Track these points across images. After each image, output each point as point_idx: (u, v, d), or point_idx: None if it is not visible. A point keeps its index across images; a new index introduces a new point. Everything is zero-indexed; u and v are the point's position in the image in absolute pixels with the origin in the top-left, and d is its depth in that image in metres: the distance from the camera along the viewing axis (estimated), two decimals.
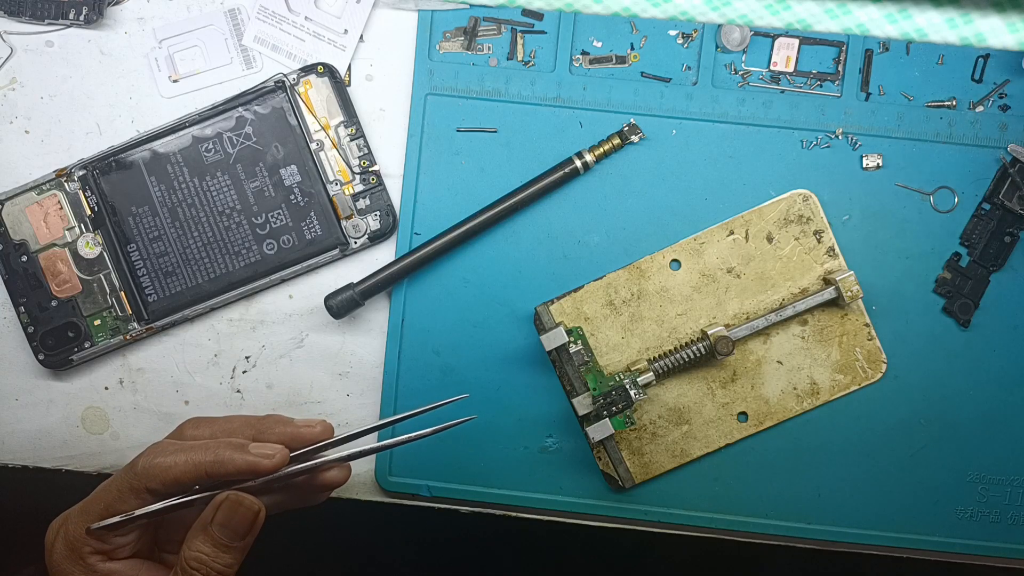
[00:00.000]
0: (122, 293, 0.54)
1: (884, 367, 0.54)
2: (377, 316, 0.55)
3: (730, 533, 0.55)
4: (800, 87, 0.53)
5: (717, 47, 0.53)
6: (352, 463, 0.55)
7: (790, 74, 0.54)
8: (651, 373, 0.52)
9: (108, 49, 0.55)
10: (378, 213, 0.54)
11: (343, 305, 0.52)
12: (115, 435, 0.56)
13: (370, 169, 0.54)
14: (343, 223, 0.54)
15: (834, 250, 0.53)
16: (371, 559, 0.84)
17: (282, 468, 0.43)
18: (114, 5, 0.54)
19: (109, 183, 0.53)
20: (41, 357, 0.54)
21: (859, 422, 0.54)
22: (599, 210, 0.54)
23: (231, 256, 0.54)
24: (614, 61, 0.54)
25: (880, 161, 0.53)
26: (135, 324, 0.54)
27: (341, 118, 0.54)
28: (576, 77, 0.54)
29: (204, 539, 0.42)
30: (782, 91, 0.53)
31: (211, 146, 0.53)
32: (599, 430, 0.51)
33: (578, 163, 0.52)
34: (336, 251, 0.54)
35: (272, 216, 0.54)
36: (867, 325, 0.53)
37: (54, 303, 0.54)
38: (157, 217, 0.54)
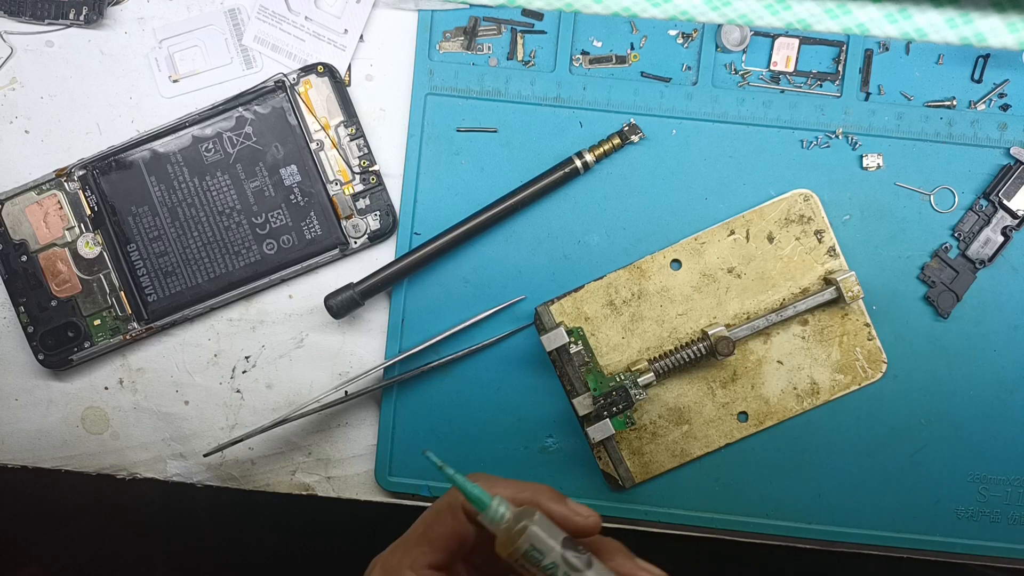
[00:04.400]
0: (122, 293, 0.54)
1: (884, 367, 0.54)
2: (377, 316, 0.55)
3: (730, 533, 0.55)
4: (800, 87, 0.53)
5: (717, 47, 0.53)
6: (352, 463, 0.56)
7: (790, 74, 0.54)
8: (651, 373, 0.52)
9: (108, 49, 0.55)
10: (378, 213, 0.54)
11: (343, 305, 0.52)
12: (115, 435, 0.56)
13: (370, 169, 0.54)
14: (343, 223, 0.54)
15: (835, 250, 0.53)
16: (371, 559, 0.84)
17: (592, 533, 0.40)
18: (114, 5, 0.54)
19: (109, 183, 0.53)
20: (41, 357, 0.54)
21: (859, 422, 0.54)
22: (599, 210, 0.54)
23: (231, 256, 0.54)
24: (614, 61, 0.54)
25: (880, 161, 0.53)
26: (135, 324, 0.54)
27: (341, 118, 0.54)
28: (576, 77, 0.54)
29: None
30: (782, 91, 0.53)
31: (211, 146, 0.53)
32: (599, 430, 0.51)
33: (578, 163, 0.52)
34: (336, 251, 0.54)
35: (272, 216, 0.54)
36: (867, 325, 0.53)
37: (54, 303, 0.54)
38: (157, 217, 0.54)
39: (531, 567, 0.37)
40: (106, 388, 0.56)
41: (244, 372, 0.55)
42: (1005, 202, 0.53)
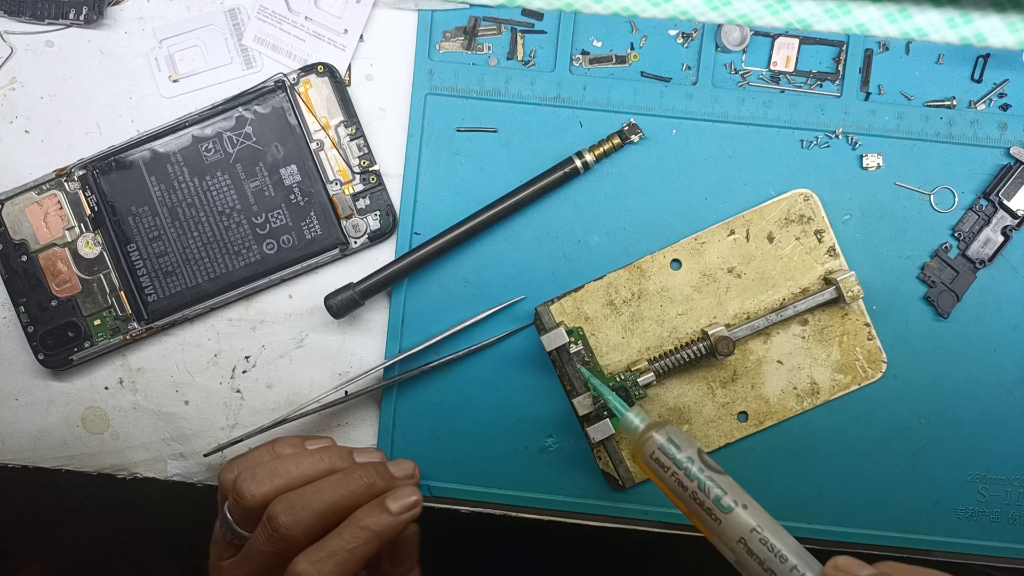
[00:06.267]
0: (122, 293, 0.54)
1: (884, 367, 0.54)
2: (377, 316, 0.55)
3: None
4: (800, 87, 0.53)
5: (717, 47, 0.53)
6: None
7: (790, 74, 0.54)
8: (651, 373, 0.52)
9: (108, 49, 0.55)
10: (378, 213, 0.54)
11: (343, 305, 0.52)
12: (115, 435, 0.56)
13: (370, 169, 0.54)
14: (343, 223, 0.54)
15: (835, 250, 0.53)
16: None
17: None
18: (114, 5, 0.54)
19: (109, 183, 0.53)
20: (41, 357, 0.54)
21: (859, 422, 0.54)
22: (599, 210, 0.54)
23: (231, 256, 0.54)
24: (614, 61, 0.54)
25: (880, 161, 0.53)
26: (135, 324, 0.54)
27: (341, 118, 0.54)
28: (576, 77, 0.54)
29: None
30: (782, 91, 0.53)
31: (211, 146, 0.53)
32: (599, 430, 0.51)
33: (578, 163, 0.52)
34: (336, 251, 0.54)
35: (272, 216, 0.54)
36: (867, 325, 0.53)
37: (54, 303, 0.54)
38: (157, 217, 0.54)
39: (667, 461, 0.42)
40: (106, 388, 0.56)
41: (244, 372, 0.55)
42: (1005, 202, 0.53)
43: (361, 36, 0.54)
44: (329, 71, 0.53)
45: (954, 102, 0.53)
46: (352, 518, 0.45)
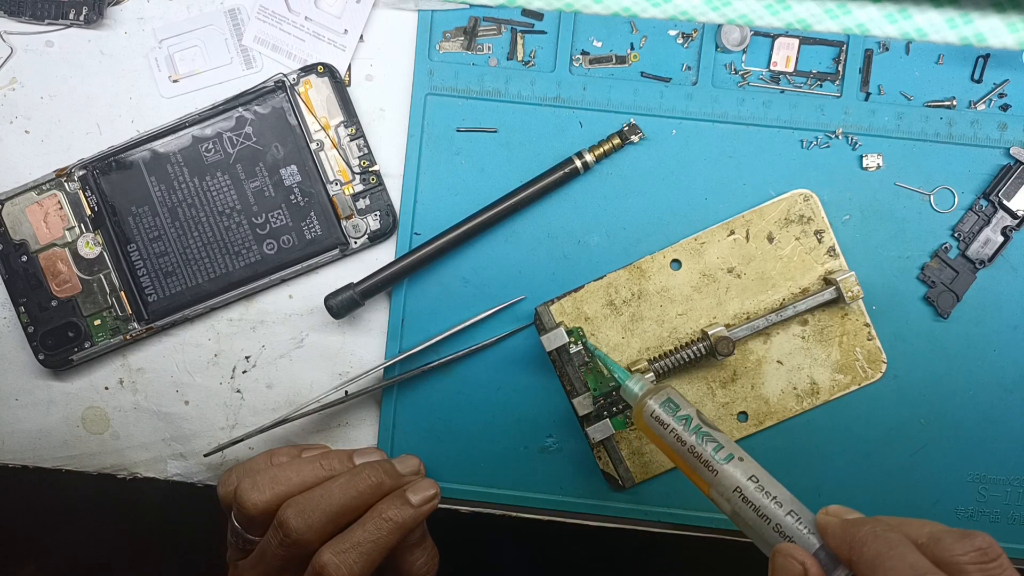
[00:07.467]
0: (122, 293, 0.54)
1: (884, 367, 0.54)
2: (377, 316, 0.55)
3: (730, 533, 0.55)
4: (800, 87, 0.53)
5: (717, 47, 0.53)
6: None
7: (790, 74, 0.54)
8: (651, 373, 0.52)
9: (108, 49, 0.55)
10: (378, 213, 0.54)
11: (343, 305, 0.52)
12: (115, 435, 0.56)
13: (370, 169, 0.54)
14: (343, 223, 0.54)
15: (835, 250, 0.53)
16: None
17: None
18: (114, 5, 0.54)
19: (109, 183, 0.53)
20: (41, 357, 0.54)
21: (859, 422, 0.54)
22: (599, 210, 0.54)
23: (231, 256, 0.54)
24: (614, 61, 0.54)
25: (880, 161, 0.53)
26: (135, 324, 0.54)
27: (341, 118, 0.54)
28: (576, 77, 0.54)
29: None
30: (782, 91, 0.53)
31: (211, 146, 0.53)
32: (599, 430, 0.51)
33: (578, 163, 0.52)
34: (336, 251, 0.54)
35: (272, 216, 0.54)
36: (867, 325, 0.53)
37: (54, 303, 0.54)
38: (157, 217, 0.54)
39: (666, 419, 0.43)
40: (106, 388, 0.56)
41: (244, 372, 0.55)
42: (1005, 202, 0.53)
43: (361, 36, 0.54)
44: (329, 71, 0.54)
45: (954, 102, 0.53)
46: (374, 510, 0.46)
